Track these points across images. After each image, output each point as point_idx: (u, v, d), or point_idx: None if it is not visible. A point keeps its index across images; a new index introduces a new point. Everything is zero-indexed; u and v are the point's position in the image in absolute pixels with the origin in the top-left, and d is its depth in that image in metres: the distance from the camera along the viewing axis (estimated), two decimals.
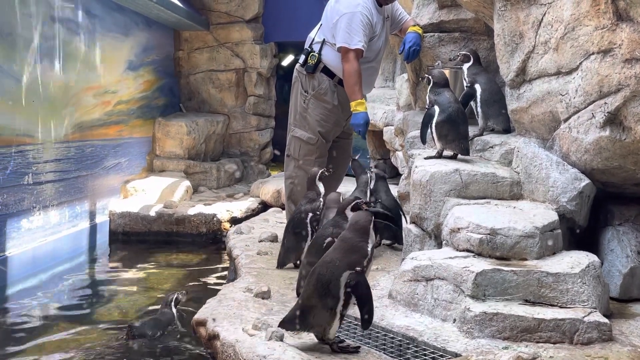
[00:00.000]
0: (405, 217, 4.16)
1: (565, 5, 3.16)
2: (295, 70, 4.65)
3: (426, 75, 3.81)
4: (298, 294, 3.24)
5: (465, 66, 4.03)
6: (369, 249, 2.65)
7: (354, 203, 3.09)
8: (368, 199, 4.15)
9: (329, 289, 2.57)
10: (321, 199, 4.03)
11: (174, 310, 4.24)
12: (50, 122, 6.40)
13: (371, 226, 2.69)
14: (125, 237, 7.58)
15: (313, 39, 4.53)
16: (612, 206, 3.44)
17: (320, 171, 4.13)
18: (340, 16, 4.27)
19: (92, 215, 7.29)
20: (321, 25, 4.53)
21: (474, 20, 4.30)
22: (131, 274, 6.20)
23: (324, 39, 4.44)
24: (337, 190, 4.43)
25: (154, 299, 5.24)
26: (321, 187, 4.10)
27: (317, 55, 4.44)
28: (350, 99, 4.31)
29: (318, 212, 3.97)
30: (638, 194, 3.40)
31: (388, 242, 4.53)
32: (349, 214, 3.05)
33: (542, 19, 3.34)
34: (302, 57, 4.55)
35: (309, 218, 3.96)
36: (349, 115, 4.65)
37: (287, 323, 2.67)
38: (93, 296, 5.52)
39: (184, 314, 4.31)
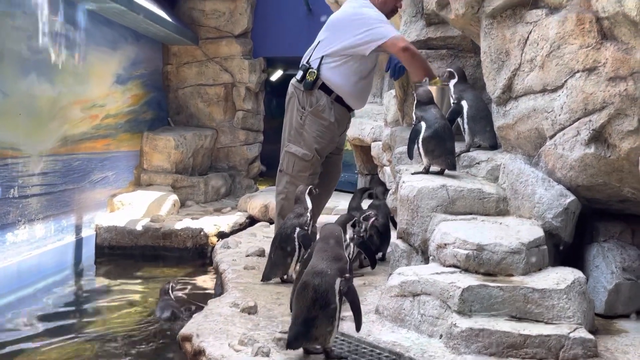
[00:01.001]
0: None
1: (550, 24, 3.20)
2: (291, 85, 4.58)
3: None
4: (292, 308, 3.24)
5: (452, 82, 4.06)
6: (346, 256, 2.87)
7: (353, 220, 3.38)
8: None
9: (328, 297, 2.64)
10: (308, 214, 4.03)
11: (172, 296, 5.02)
12: (36, 135, 6.37)
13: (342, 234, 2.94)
14: (111, 251, 7.53)
15: (311, 55, 4.49)
16: (597, 223, 3.47)
17: (309, 188, 4.12)
18: (368, 19, 4.27)
19: (78, 229, 7.24)
20: (319, 42, 4.49)
21: (461, 37, 4.34)
22: (117, 288, 6.15)
23: (322, 56, 4.41)
24: (327, 205, 4.44)
25: (139, 313, 5.20)
26: (308, 202, 4.09)
27: (315, 71, 4.40)
28: (431, 74, 4.21)
29: (305, 227, 3.97)
30: (623, 211, 3.43)
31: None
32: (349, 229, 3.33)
33: (528, 37, 3.38)
34: (300, 73, 4.47)
35: (296, 233, 3.95)
36: (343, 130, 4.67)
37: (294, 342, 2.68)
38: (78, 310, 5.47)
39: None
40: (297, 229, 3.95)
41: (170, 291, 5.05)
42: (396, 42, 4.19)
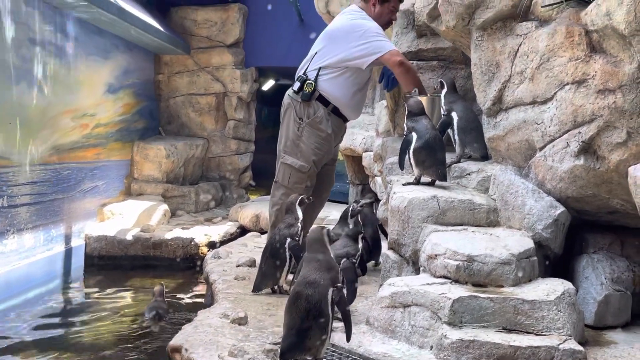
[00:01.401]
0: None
1: (540, 37, 3.23)
2: (287, 96, 4.54)
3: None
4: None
5: (442, 93, 4.08)
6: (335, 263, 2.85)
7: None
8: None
9: (321, 308, 2.64)
10: (299, 225, 4.02)
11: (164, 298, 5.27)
12: (26, 145, 6.34)
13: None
14: (101, 261, 7.50)
15: (307, 66, 4.47)
16: (586, 234, 3.48)
17: (301, 197, 4.11)
18: (364, 31, 4.25)
19: (67, 238, 7.21)
20: (316, 53, 4.48)
21: (451, 49, 4.36)
22: (106, 298, 6.12)
23: (320, 67, 4.40)
24: (319, 215, 4.42)
25: (128, 323, 5.17)
26: (299, 212, 4.08)
27: (313, 83, 4.38)
28: (422, 90, 4.22)
29: (296, 238, 3.96)
30: (612, 222, 3.44)
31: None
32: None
33: (518, 49, 3.40)
34: (297, 84, 4.43)
35: (287, 243, 3.94)
36: (338, 142, 4.67)
37: (287, 353, 2.66)
38: (67, 321, 5.43)
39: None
40: (288, 240, 3.94)
41: (162, 293, 5.24)
42: (392, 56, 4.20)
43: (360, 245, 3.71)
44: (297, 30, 10.29)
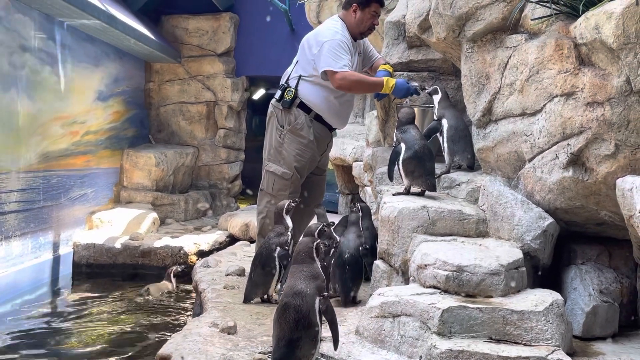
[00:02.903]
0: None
1: (530, 49, 3.26)
2: (270, 105, 4.61)
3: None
4: None
5: (436, 99, 4.10)
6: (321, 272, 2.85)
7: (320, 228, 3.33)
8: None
9: (309, 318, 2.65)
10: (289, 233, 4.02)
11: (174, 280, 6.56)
12: (15, 152, 6.31)
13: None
14: (89, 269, 7.46)
15: (289, 75, 4.52)
16: (575, 245, 3.50)
17: (287, 203, 4.11)
18: (321, 45, 4.29)
19: (55, 246, 7.16)
20: (297, 61, 4.55)
21: (442, 60, 4.39)
22: (94, 306, 6.08)
23: (300, 75, 4.45)
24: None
25: (117, 332, 5.14)
26: (289, 221, 4.08)
27: (293, 90, 4.43)
28: (378, 89, 4.21)
29: (286, 247, 3.96)
30: (600, 234, 3.46)
31: None
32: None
33: (507, 61, 3.43)
34: (279, 93, 4.50)
35: (277, 252, 3.94)
36: (324, 150, 4.67)
37: None
38: (54, 329, 5.39)
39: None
40: (278, 249, 3.94)
41: (172, 275, 6.56)
42: (331, 76, 4.23)
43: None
44: (288, 40, 10.31)
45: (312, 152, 4.55)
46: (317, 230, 3.31)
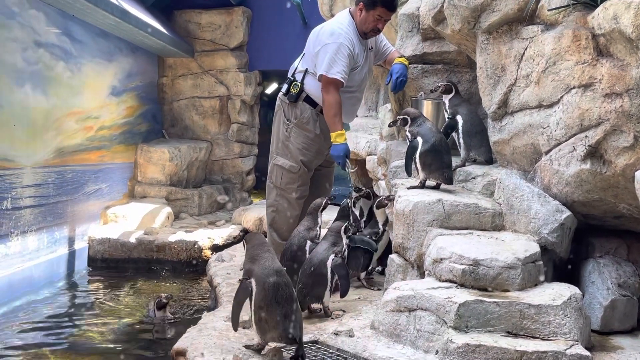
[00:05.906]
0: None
1: (546, 40, 3.22)
2: (277, 99, 4.65)
3: (399, 117, 3.83)
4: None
5: (447, 97, 4.07)
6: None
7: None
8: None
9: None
10: (317, 229, 3.99)
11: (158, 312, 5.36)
12: (30, 147, 6.35)
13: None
14: (104, 263, 7.50)
15: (296, 68, 4.54)
16: (592, 238, 3.47)
17: (324, 201, 4.08)
18: (322, 46, 4.30)
19: (71, 241, 7.20)
20: (304, 55, 4.55)
21: (456, 52, 4.35)
22: (109, 300, 6.11)
23: (306, 69, 4.45)
24: (322, 219, 4.39)
25: (131, 326, 5.16)
26: (320, 218, 4.06)
27: (299, 84, 4.45)
28: (330, 129, 4.32)
29: (316, 241, 3.89)
30: (618, 227, 3.43)
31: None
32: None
33: (523, 52, 3.39)
34: (285, 86, 4.54)
35: (307, 246, 3.89)
36: (330, 144, 4.66)
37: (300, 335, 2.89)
38: (69, 323, 5.43)
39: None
40: (308, 242, 3.90)
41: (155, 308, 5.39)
42: (323, 81, 4.25)
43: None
44: (301, 34, 10.25)
45: (318, 146, 4.56)
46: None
